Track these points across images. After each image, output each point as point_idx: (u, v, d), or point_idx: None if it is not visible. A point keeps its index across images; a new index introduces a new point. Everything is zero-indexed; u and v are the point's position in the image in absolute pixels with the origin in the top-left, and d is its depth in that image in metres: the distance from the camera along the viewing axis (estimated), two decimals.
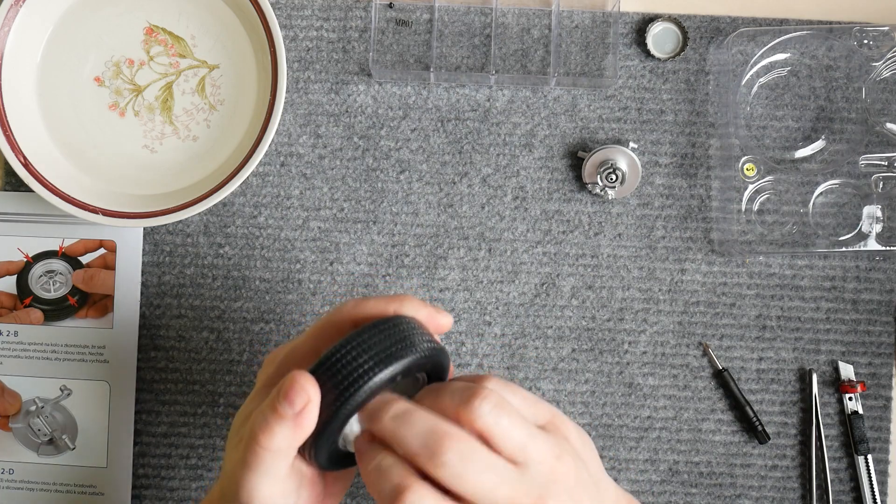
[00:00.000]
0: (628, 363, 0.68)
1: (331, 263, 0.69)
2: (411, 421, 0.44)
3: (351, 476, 0.53)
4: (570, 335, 0.68)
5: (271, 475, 0.45)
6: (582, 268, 0.69)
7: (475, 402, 0.44)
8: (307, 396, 0.43)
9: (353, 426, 0.46)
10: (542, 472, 0.44)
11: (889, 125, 0.67)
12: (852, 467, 0.68)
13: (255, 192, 0.69)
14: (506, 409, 0.44)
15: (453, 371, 0.54)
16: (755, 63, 0.68)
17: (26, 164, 0.65)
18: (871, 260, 0.68)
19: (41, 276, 0.68)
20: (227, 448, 0.50)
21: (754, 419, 0.68)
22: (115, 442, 0.68)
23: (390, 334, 0.46)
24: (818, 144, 0.68)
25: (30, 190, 0.67)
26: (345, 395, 0.44)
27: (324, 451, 0.46)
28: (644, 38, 0.68)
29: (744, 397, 0.68)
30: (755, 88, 0.69)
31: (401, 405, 0.45)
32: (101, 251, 0.68)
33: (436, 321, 0.49)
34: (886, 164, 0.67)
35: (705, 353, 0.69)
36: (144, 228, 0.68)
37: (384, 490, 0.43)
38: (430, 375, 0.49)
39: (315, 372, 0.45)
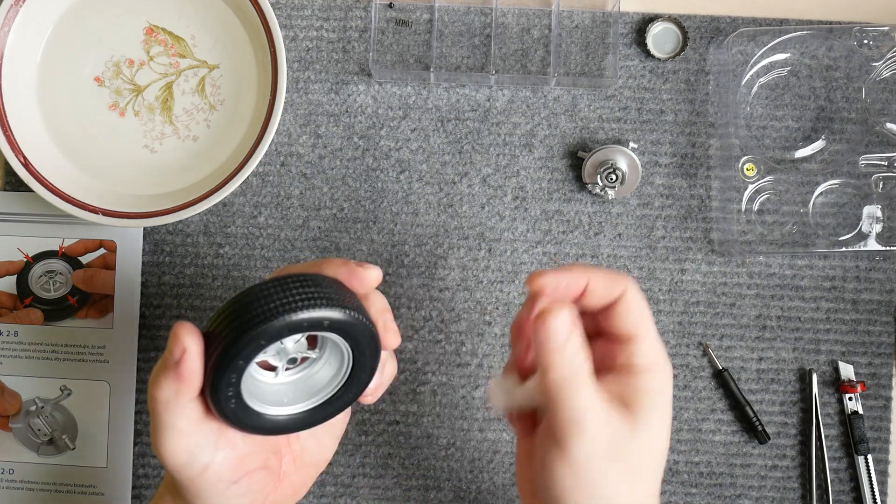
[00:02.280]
0: None
1: None
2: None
3: (315, 472, 0.53)
4: None
5: (171, 428, 0.45)
6: None
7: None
8: (182, 346, 0.44)
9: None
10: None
11: (889, 125, 0.67)
12: (852, 467, 0.68)
13: (255, 192, 0.69)
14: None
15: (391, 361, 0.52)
16: (755, 63, 0.68)
17: (26, 164, 0.65)
18: (871, 260, 0.68)
19: (41, 276, 0.68)
20: None
21: (754, 419, 0.68)
22: (115, 442, 0.68)
23: (293, 288, 0.45)
24: (818, 144, 0.68)
25: (30, 190, 0.67)
26: (238, 337, 0.44)
27: (224, 402, 0.46)
28: (644, 38, 0.68)
29: (744, 397, 0.68)
30: (755, 88, 0.69)
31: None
32: (101, 251, 0.68)
33: (357, 277, 0.48)
34: (886, 164, 0.67)
35: (705, 353, 0.69)
36: (144, 228, 0.68)
37: (614, 270, 0.49)
38: (351, 347, 0.48)
39: (215, 317, 0.45)
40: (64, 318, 0.68)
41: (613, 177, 0.67)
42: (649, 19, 0.69)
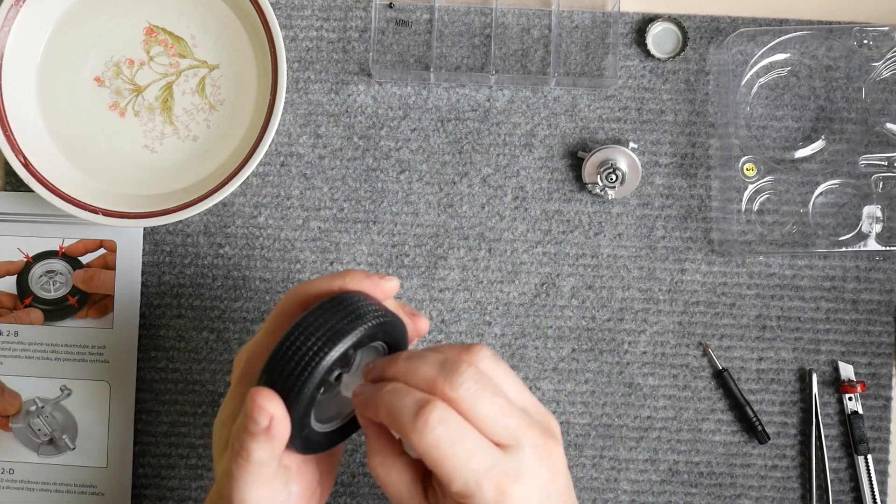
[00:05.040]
0: (628, 363, 0.68)
1: (331, 263, 0.69)
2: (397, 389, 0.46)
3: (336, 463, 0.54)
4: (570, 335, 0.68)
5: (258, 481, 0.47)
6: (582, 268, 0.69)
7: (455, 378, 0.45)
8: (269, 413, 0.45)
9: (345, 390, 0.49)
10: (526, 459, 0.46)
11: (889, 125, 0.67)
12: (852, 467, 0.68)
13: (255, 192, 0.69)
14: (489, 389, 0.45)
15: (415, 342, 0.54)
16: (755, 63, 0.68)
17: (26, 164, 0.65)
18: (871, 260, 0.68)
19: (41, 276, 0.68)
20: (214, 453, 0.51)
21: (754, 419, 0.68)
22: (115, 442, 0.68)
23: (334, 312, 0.46)
24: (818, 144, 0.68)
25: (30, 190, 0.67)
26: (300, 382, 0.45)
27: (297, 437, 0.47)
28: (644, 38, 0.68)
29: (744, 397, 0.68)
30: (755, 88, 0.69)
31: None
32: (101, 251, 0.68)
33: (381, 288, 0.50)
34: (886, 164, 0.67)
35: (705, 353, 0.69)
36: (144, 228, 0.68)
37: (405, 406, 0.44)
38: (388, 345, 0.50)
39: (268, 368, 0.45)
40: (64, 318, 0.68)
41: (613, 177, 0.67)
42: (649, 19, 0.69)
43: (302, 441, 0.47)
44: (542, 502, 0.46)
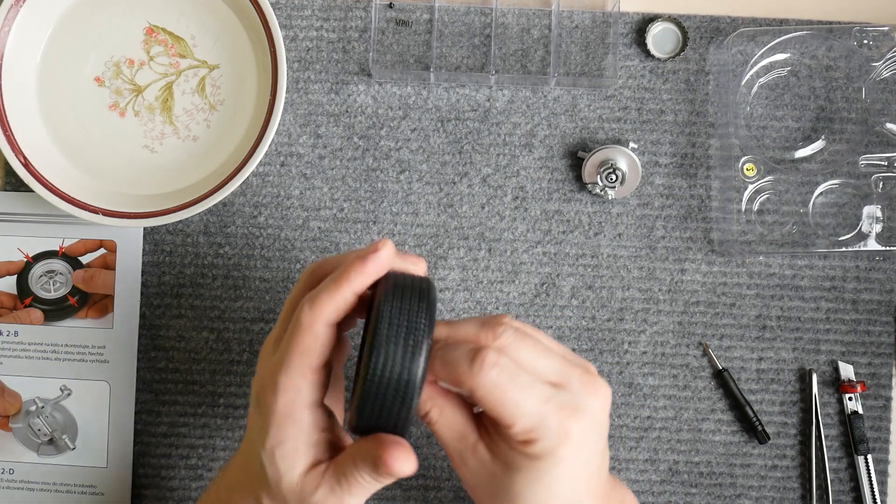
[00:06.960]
0: (628, 363, 0.68)
1: None
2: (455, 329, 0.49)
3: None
4: (570, 335, 0.68)
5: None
6: (582, 268, 0.69)
7: (496, 329, 0.47)
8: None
9: None
10: (579, 392, 0.48)
11: (889, 125, 0.67)
12: (852, 467, 0.68)
13: (255, 192, 0.69)
14: (528, 337, 0.48)
15: None
16: (755, 63, 0.68)
17: (26, 164, 0.65)
18: (871, 260, 0.68)
19: (41, 276, 0.68)
20: (259, 367, 0.51)
21: (754, 419, 0.68)
22: (115, 442, 0.68)
23: (410, 295, 0.47)
24: (818, 144, 0.68)
25: (30, 190, 0.67)
26: (416, 354, 0.46)
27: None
28: (644, 38, 0.68)
29: (744, 397, 0.68)
30: (755, 88, 0.69)
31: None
32: (101, 251, 0.68)
33: (420, 269, 0.52)
34: (886, 164, 0.67)
35: (705, 353, 0.69)
36: (144, 228, 0.68)
37: (459, 355, 0.46)
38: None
39: (378, 343, 0.46)
40: (64, 318, 0.68)
41: (613, 177, 0.67)
42: (649, 19, 0.69)
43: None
44: (598, 435, 0.48)
